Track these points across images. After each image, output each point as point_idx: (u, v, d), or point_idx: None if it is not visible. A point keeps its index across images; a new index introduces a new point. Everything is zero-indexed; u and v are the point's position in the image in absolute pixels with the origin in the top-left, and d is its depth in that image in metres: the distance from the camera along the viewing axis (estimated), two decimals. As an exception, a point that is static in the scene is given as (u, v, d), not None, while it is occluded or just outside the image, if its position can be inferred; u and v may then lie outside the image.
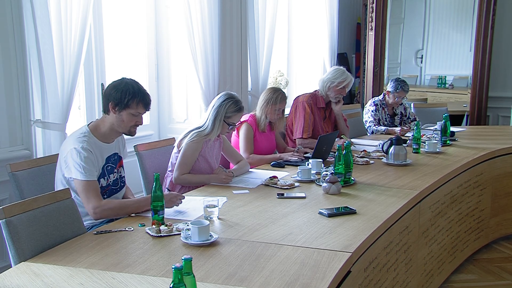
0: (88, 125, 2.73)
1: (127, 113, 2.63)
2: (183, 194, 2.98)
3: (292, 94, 6.36)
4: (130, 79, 2.71)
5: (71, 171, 2.57)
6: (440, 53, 10.93)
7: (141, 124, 2.72)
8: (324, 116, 4.58)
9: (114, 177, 2.80)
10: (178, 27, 4.74)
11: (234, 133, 3.98)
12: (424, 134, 4.81)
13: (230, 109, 3.33)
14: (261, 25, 5.30)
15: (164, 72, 4.91)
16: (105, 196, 2.76)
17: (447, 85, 9.99)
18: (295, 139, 4.44)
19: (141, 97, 2.64)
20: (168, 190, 3.20)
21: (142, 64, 4.80)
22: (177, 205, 2.64)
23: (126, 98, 2.60)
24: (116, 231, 2.38)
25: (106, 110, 2.68)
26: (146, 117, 4.34)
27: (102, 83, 4.21)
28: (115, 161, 2.81)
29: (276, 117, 4.00)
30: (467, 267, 4.01)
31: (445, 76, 10.11)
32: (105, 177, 2.75)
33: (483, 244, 4.28)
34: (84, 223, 2.52)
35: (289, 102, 4.48)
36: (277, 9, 5.47)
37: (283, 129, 4.35)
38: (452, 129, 4.86)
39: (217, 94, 3.52)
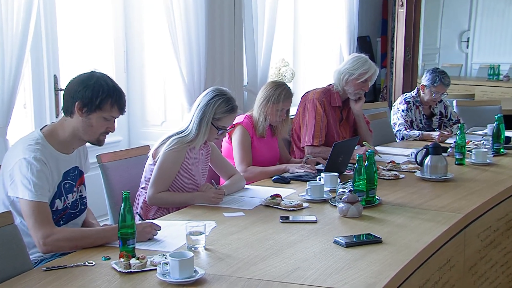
0: (41, 129, 2.73)
1: (98, 117, 2.67)
2: (160, 218, 3.01)
3: (299, 89, 6.35)
4: (102, 73, 2.74)
5: (17, 189, 2.55)
6: (493, 36, 10.94)
7: (113, 130, 2.76)
8: (341, 118, 4.55)
9: (73, 197, 2.80)
10: (154, 4, 4.74)
11: (226, 139, 3.99)
12: (471, 141, 4.81)
13: (220, 109, 3.36)
14: (259, 2, 5.29)
15: (136, 61, 4.92)
16: (61, 223, 2.75)
17: (501, 77, 10.00)
18: (303, 147, 4.41)
19: (117, 97, 2.68)
20: (139, 216, 3.19)
21: (107, 51, 4.81)
22: (152, 237, 2.65)
23: (99, 97, 2.64)
24: (72, 266, 2.34)
25: (69, 112, 2.69)
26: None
27: (55, 75, 4.23)
28: (74, 177, 2.81)
29: (278, 120, 4.00)
30: (529, 313, 4.01)
31: (499, 65, 10.12)
32: (62, 198, 2.74)
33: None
34: (31, 256, 2.50)
35: (296, 100, 4.48)
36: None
37: (287, 134, 4.34)
38: (507, 133, 4.86)
39: (204, 90, 3.54)
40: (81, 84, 2.65)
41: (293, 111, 4.51)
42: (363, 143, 4.45)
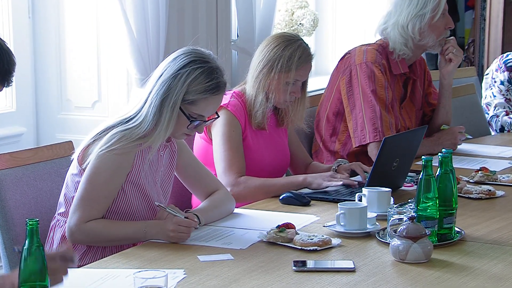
0: None
1: None
2: (89, 265, 2.64)
3: (325, 48, 5.76)
4: None
5: None
6: None
7: None
8: (403, 95, 3.91)
9: None
10: None
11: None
12: None
13: (196, 85, 2.91)
14: None
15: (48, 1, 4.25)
16: None
17: None
18: (358, 147, 3.83)
19: None
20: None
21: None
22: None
23: None
24: None
25: None
26: (5, 96, 4.02)
27: None
28: None
29: (289, 99, 3.43)
30: None
31: None
32: None
33: None
34: None
35: (320, 66, 3.93)
36: None
37: (303, 123, 3.68)
38: None
39: (166, 50, 3.55)
40: None
41: (313, 85, 3.99)
42: (442, 127, 3.88)
